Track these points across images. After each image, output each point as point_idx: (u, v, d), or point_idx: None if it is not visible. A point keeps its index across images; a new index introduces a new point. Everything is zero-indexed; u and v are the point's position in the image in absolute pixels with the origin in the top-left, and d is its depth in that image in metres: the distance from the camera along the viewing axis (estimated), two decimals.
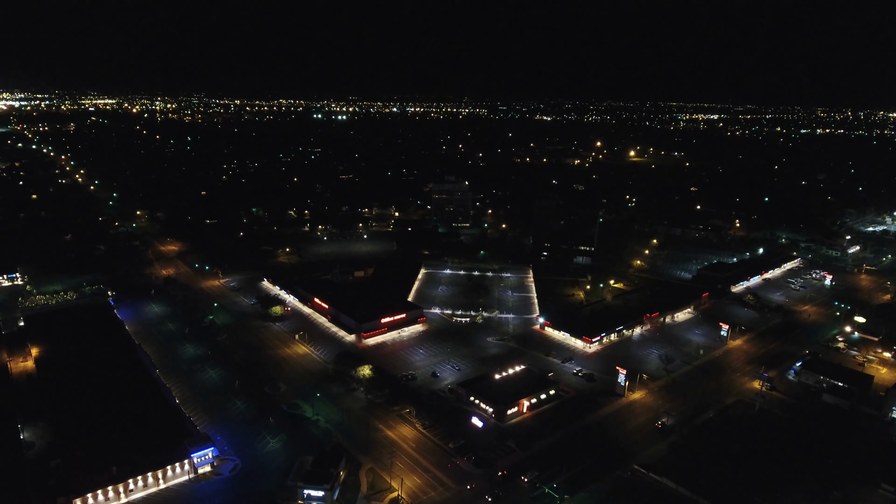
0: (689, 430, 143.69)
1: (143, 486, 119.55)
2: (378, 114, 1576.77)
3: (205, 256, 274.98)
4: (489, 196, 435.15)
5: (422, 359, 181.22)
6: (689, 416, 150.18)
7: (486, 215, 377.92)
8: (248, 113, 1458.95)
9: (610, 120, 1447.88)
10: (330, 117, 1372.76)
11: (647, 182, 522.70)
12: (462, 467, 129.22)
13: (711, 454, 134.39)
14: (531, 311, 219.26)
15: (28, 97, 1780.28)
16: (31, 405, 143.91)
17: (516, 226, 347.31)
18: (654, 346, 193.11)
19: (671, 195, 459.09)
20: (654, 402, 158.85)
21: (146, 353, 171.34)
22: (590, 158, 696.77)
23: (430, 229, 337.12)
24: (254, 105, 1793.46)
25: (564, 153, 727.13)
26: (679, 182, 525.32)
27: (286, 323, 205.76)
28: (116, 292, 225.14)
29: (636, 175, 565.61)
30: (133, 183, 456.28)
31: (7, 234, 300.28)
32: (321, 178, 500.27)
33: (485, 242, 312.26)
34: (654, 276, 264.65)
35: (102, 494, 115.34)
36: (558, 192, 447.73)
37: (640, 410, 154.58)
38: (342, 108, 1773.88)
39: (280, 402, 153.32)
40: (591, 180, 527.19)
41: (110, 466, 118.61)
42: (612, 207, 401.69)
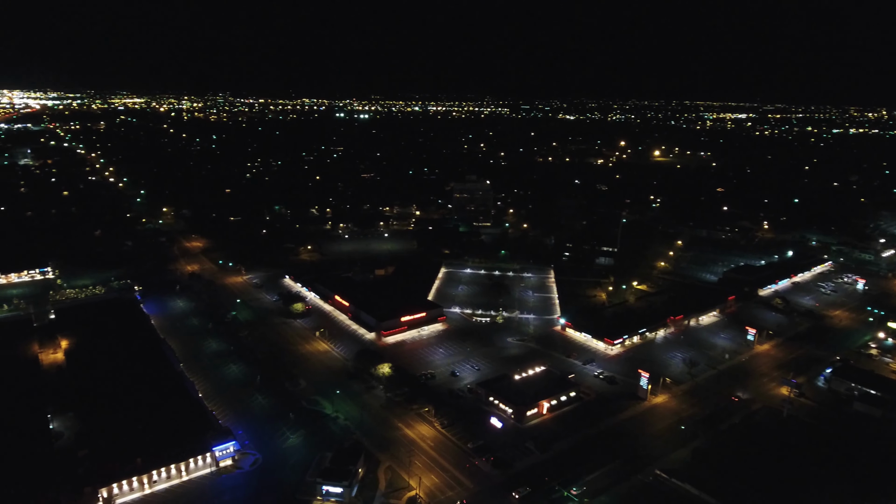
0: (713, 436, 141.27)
1: (167, 478, 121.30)
2: (400, 113, 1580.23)
3: (228, 253, 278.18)
4: (511, 195, 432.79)
5: (441, 358, 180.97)
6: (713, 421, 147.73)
7: (508, 215, 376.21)
8: (272, 112, 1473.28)
9: (634, 119, 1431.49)
10: (352, 116, 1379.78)
11: (672, 182, 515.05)
12: (481, 468, 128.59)
13: (736, 461, 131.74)
14: (552, 312, 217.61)
15: (60, 97, 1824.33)
16: (61, 396, 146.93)
17: (538, 226, 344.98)
18: (677, 349, 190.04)
19: (697, 196, 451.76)
20: (678, 406, 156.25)
21: (171, 348, 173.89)
22: (613, 158, 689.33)
23: (451, 228, 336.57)
24: (277, 104, 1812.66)
25: (587, 153, 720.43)
26: (705, 182, 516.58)
27: (307, 320, 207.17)
28: (143, 287, 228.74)
29: (661, 175, 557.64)
30: (160, 180, 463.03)
31: (39, 230, 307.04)
32: (343, 176, 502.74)
33: (506, 242, 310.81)
34: (679, 278, 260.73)
35: (127, 485, 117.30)
36: (581, 191, 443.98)
37: (663, 415, 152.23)
38: (364, 107, 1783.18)
39: (300, 399, 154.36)
40: (614, 180, 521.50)
41: (135, 457, 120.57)
42: (636, 208, 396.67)
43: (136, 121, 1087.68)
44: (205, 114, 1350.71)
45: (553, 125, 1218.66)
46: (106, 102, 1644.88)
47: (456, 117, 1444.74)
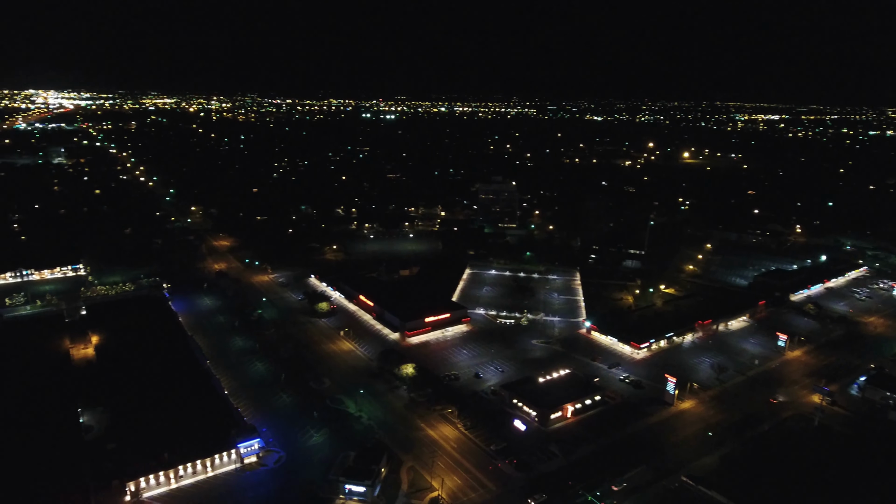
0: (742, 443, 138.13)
1: (192, 473, 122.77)
2: (426, 113, 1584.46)
3: (255, 252, 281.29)
4: (536, 197, 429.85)
5: (465, 359, 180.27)
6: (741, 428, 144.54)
7: (533, 216, 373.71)
8: (299, 112, 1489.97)
9: (663, 120, 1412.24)
10: (378, 117, 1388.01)
11: (702, 184, 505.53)
12: (503, 470, 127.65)
13: (765, 469, 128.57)
14: (577, 315, 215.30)
15: (93, 97, 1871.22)
16: (91, 391, 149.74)
17: (564, 227, 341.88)
18: (705, 354, 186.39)
19: (727, 198, 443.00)
20: (706, 412, 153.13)
21: (198, 345, 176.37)
22: (641, 160, 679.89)
23: (476, 229, 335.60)
24: (304, 105, 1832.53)
25: (615, 154, 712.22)
26: (736, 185, 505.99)
27: (332, 319, 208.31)
28: (171, 285, 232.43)
29: (690, 177, 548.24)
30: (189, 180, 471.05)
31: (72, 228, 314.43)
32: (369, 176, 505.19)
33: (531, 244, 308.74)
34: (708, 282, 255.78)
35: (154, 479, 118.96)
36: (608, 193, 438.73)
37: (690, 420, 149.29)
38: (390, 107, 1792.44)
39: (324, 397, 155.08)
40: (642, 182, 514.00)
41: (162, 452, 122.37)
42: (664, 210, 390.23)
43: (167, 121, 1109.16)
44: (233, 114, 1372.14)
45: (580, 126, 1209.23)
46: (137, 103, 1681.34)
47: (482, 118, 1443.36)
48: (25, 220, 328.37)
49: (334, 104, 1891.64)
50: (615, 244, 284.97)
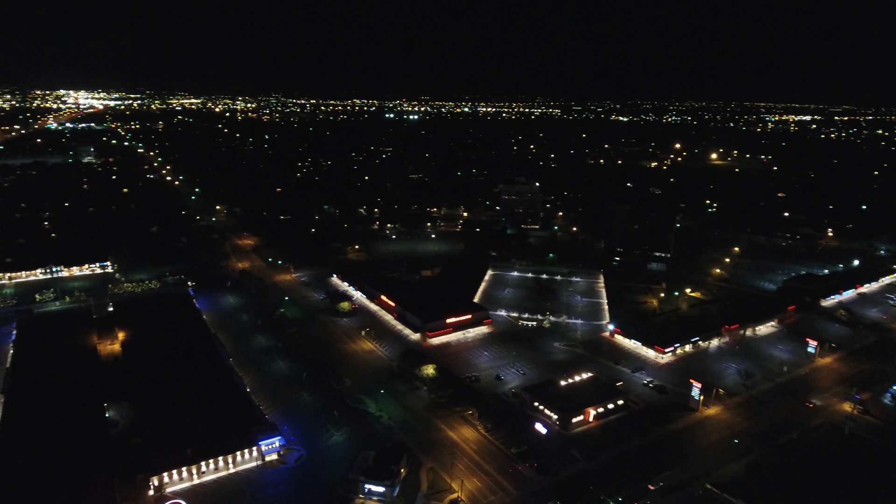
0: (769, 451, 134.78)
1: (214, 470, 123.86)
2: (449, 114, 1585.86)
3: (278, 251, 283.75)
4: (560, 198, 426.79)
5: (486, 361, 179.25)
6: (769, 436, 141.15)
7: (557, 217, 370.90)
8: (323, 112, 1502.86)
9: (691, 121, 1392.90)
10: (402, 117, 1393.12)
11: (730, 186, 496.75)
12: (524, 473, 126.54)
13: (793, 478, 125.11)
14: (601, 318, 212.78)
15: (122, 97, 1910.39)
16: (117, 386, 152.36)
17: (588, 229, 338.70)
18: (732, 359, 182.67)
19: (756, 201, 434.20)
20: (731, 418, 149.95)
21: (221, 342, 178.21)
22: (668, 161, 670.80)
23: (499, 230, 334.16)
24: (328, 105, 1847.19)
25: (641, 155, 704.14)
26: (765, 187, 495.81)
27: (353, 319, 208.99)
28: (196, 282, 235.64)
29: (718, 179, 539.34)
30: (214, 179, 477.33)
31: (100, 225, 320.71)
32: (391, 177, 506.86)
33: (554, 245, 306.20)
34: (735, 285, 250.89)
35: (177, 474, 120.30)
36: (633, 195, 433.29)
37: (715, 427, 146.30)
38: (414, 107, 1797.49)
39: (345, 397, 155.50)
40: (668, 183, 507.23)
41: (185, 448, 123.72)
42: (691, 212, 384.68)
43: (193, 121, 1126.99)
44: (258, 114, 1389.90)
45: (605, 126, 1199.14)
46: (164, 103, 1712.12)
47: (506, 118, 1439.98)
48: (56, 218, 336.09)
49: (358, 104, 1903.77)
50: (640, 246, 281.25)
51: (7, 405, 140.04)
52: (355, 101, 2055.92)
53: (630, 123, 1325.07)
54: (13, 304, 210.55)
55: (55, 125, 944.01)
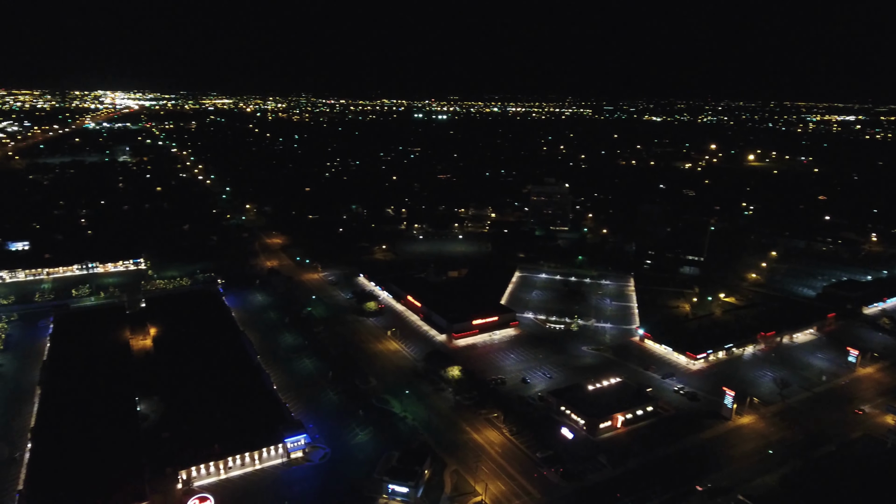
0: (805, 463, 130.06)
1: (241, 465, 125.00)
2: (478, 114, 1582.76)
3: (306, 250, 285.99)
4: (590, 199, 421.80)
5: (512, 363, 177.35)
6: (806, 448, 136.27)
7: (586, 219, 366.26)
8: (352, 112, 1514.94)
9: (727, 121, 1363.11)
10: (430, 117, 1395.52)
11: (768, 189, 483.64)
12: (549, 478, 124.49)
13: (830, 492, 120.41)
14: (630, 322, 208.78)
15: (157, 97, 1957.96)
16: (148, 380, 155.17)
17: (618, 231, 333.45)
18: (767, 367, 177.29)
19: (795, 204, 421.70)
20: (766, 428, 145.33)
21: (249, 339, 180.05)
22: (702, 162, 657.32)
23: (527, 232, 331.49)
24: (357, 105, 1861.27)
25: (674, 156, 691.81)
26: (805, 190, 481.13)
27: (379, 319, 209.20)
28: (225, 280, 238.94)
29: (755, 181, 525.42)
30: (244, 178, 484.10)
31: (134, 223, 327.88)
32: (419, 177, 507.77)
33: (583, 247, 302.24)
34: (772, 291, 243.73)
35: (205, 468, 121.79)
36: (666, 197, 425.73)
37: (749, 436, 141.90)
38: (442, 107, 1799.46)
39: (370, 396, 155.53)
40: (702, 185, 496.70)
41: (213, 443, 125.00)
42: (726, 215, 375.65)
43: (225, 121, 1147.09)
44: (288, 114, 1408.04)
45: (638, 126, 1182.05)
46: (197, 103, 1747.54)
47: (536, 118, 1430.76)
48: (92, 216, 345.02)
49: (387, 104, 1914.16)
50: (672, 250, 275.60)
51: (44, 396, 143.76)
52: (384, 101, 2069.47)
53: (663, 123, 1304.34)
54: (51, 298, 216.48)
55: (93, 125, 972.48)
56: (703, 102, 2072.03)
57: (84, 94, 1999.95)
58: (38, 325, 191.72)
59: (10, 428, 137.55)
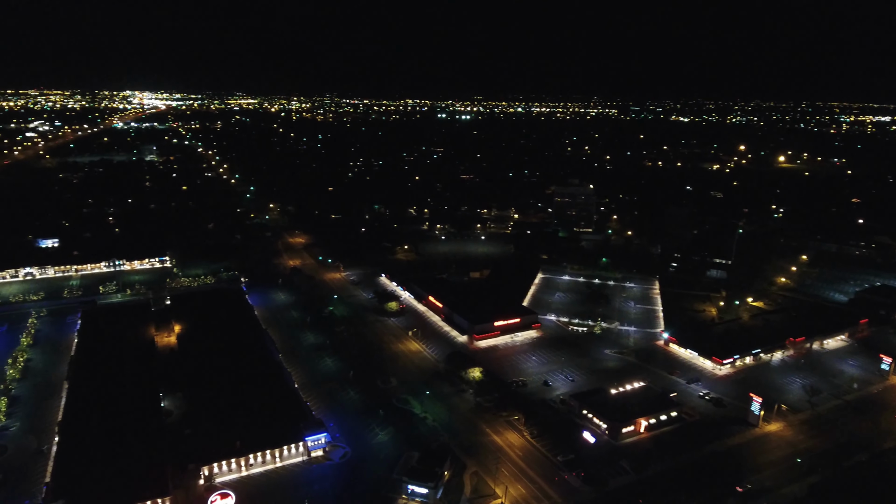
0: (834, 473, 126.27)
1: (262, 463, 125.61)
2: (502, 114, 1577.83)
3: (328, 250, 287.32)
4: (615, 201, 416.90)
5: (534, 366, 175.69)
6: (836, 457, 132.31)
7: (611, 221, 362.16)
8: (375, 112, 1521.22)
9: (757, 122, 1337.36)
10: (454, 117, 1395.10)
11: (799, 191, 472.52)
12: (570, 482, 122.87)
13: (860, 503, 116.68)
14: (655, 326, 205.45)
15: (184, 97, 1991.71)
16: (172, 377, 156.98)
17: (643, 233, 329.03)
18: (796, 374, 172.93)
19: (827, 207, 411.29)
20: (794, 436, 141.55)
21: (271, 338, 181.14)
22: (731, 163, 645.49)
23: (550, 233, 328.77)
24: (381, 105, 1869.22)
25: (702, 157, 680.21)
26: (837, 192, 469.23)
27: (401, 319, 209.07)
28: (248, 279, 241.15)
29: (785, 183, 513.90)
30: (268, 178, 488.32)
31: (160, 221, 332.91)
32: (442, 177, 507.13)
33: (608, 249, 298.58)
34: (802, 296, 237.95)
35: (226, 465, 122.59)
36: (693, 198, 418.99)
37: (776, 444, 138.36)
38: (466, 107, 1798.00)
39: (390, 396, 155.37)
40: (731, 187, 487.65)
41: (235, 440, 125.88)
42: (755, 218, 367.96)
43: (249, 120, 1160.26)
44: (312, 114, 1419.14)
45: (665, 127, 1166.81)
46: (223, 103, 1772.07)
47: (560, 118, 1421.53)
48: (119, 214, 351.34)
49: (410, 104, 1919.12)
50: (699, 252, 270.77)
51: (70, 390, 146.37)
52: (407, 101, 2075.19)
53: (691, 124, 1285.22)
54: (79, 295, 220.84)
55: (121, 125, 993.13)
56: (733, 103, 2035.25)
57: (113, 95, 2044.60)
58: (67, 321, 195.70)
59: (39, 421, 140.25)
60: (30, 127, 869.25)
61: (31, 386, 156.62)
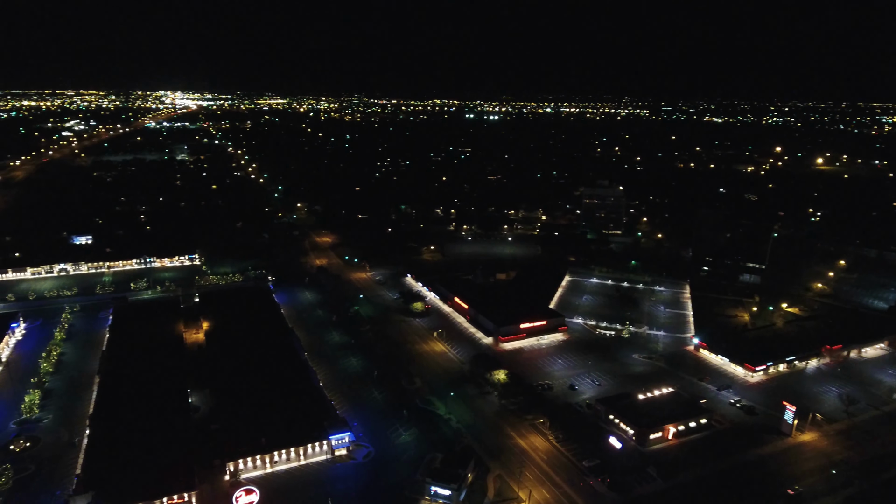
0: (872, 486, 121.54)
1: (286, 460, 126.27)
2: (531, 114, 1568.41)
3: (354, 249, 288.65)
4: (645, 203, 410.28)
5: (560, 369, 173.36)
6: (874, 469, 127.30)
7: (641, 223, 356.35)
8: (403, 112, 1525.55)
9: (794, 122, 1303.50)
10: (482, 117, 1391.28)
11: (837, 194, 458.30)
12: (595, 488, 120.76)
13: None
14: (685, 331, 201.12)
15: (214, 98, 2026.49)
16: (199, 373, 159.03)
17: (674, 236, 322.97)
18: (833, 382, 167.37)
19: (867, 210, 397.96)
20: (829, 447, 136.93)
21: (297, 336, 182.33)
22: (766, 165, 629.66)
23: (578, 235, 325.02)
24: (409, 105, 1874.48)
25: (736, 159, 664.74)
26: (878, 196, 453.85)
27: (426, 319, 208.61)
28: (275, 278, 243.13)
29: (824, 186, 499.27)
30: (296, 177, 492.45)
31: (190, 219, 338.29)
32: (469, 178, 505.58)
33: (637, 252, 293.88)
34: (839, 302, 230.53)
35: (252, 461, 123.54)
36: (726, 201, 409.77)
37: (810, 455, 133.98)
38: (494, 108, 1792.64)
39: (414, 397, 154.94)
40: (766, 189, 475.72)
41: (260, 437, 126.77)
42: (791, 221, 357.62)
43: (279, 120, 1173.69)
44: (340, 114, 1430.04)
45: (698, 128, 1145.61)
46: (253, 103, 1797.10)
47: (590, 119, 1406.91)
48: (151, 212, 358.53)
49: (438, 104, 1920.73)
50: (732, 256, 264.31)
51: (101, 384, 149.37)
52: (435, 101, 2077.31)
53: (725, 125, 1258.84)
54: (111, 291, 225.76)
55: (153, 124, 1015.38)
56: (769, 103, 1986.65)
57: (146, 95, 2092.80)
58: (99, 316, 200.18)
59: (71, 413, 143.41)
60: (66, 126, 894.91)
61: (64, 379, 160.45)
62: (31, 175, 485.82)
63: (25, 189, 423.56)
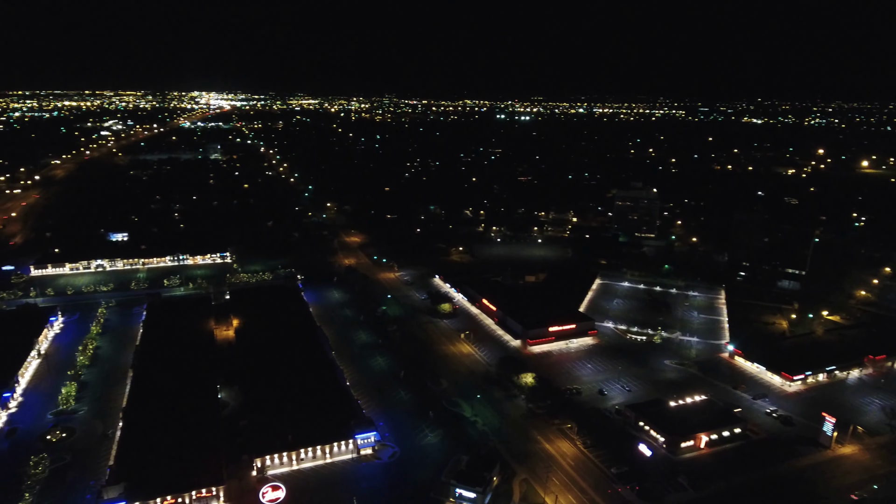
0: None
1: (312, 458, 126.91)
2: (563, 115, 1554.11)
3: (383, 250, 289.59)
4: (680, 206, 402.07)
5: (589, 374, 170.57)
6: None
7: (675, 226, 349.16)
8: (434, 113, 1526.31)
9: (839, 124, 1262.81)
10: (513, 118, 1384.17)
11: (884, 198, 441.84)
12: (623, 496, 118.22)
13: None
14: (719, 337, 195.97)
15: (247, 98, 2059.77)
16: (229, 369, 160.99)
17: (709, 240, 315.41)
18: (875, 394, 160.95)
19: None
20: (871, 461, 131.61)
21: (325, 335, 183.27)
22: (808, 168, 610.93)
23: (610, 238, 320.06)
24: (440, 105, 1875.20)
25: (776, 161, 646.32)
26: None
27: (453, 321, 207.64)
28: (304, 276, 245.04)
29: (868, 189, 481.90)
30: (326, 177, 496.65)
31: (223, 218, 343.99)
32: (500, 178, 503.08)
33: (671, 256, 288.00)
34: (884, 311, 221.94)
35: (278, 458, 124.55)
36: (765, 204, 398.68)
37: (850, 468, 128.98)
38: (525, 108, 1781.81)
39: (441, 398, 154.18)
40: (807, 193, 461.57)
41: (288, 434, 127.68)
42: (833, 226, 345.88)
43: (310, 120, 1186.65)
44: (371, 114, 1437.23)
45: (736, 129, 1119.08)
46: (285, 103, 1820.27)
47: (623, 120, 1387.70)
48: (184, 210, 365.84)
49: (469, 105, 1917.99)
50: (770, 261, 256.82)
51: (135, 379, 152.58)
52: (466, 101, 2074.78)
53: (765, 126, 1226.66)
54: (145, 287, 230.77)
55: (188, 124, 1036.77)
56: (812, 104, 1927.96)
57: (182, 95, 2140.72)
58: (133, 312, 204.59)
59: (105, 406, 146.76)
60: (105, 126, 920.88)
61: (99, 372, 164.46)
62: (70, 173, 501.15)
63: (66, 187, 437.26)
